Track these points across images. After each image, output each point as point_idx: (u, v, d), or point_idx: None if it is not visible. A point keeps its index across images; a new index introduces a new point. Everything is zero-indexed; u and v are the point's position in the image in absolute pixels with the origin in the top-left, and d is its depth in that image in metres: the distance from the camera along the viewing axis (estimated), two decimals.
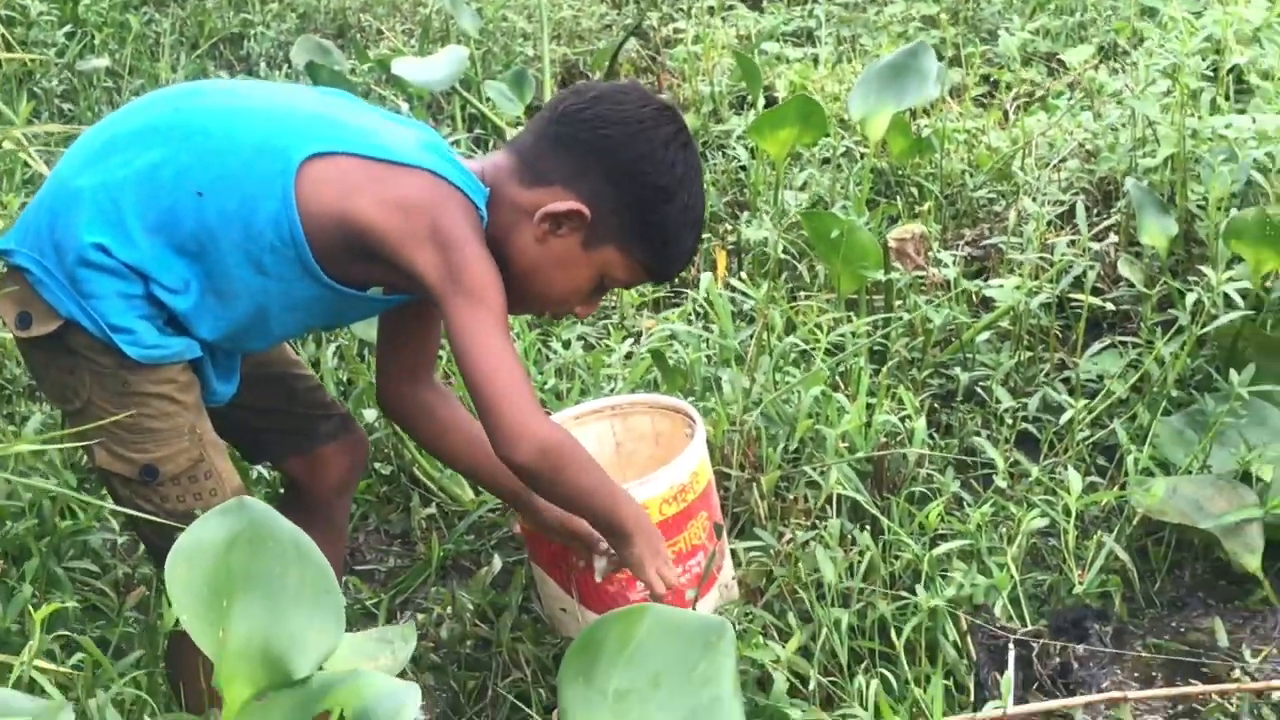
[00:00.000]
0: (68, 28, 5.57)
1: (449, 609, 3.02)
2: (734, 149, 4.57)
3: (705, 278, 3.52)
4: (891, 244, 3.74)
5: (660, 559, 2.55)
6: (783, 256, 3.83)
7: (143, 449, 2.36)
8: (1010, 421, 3.35)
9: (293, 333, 2.60)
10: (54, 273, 2.31)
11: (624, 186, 2.46)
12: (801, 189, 4.25)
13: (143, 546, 2.86)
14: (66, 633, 2.52)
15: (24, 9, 5.33)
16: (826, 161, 4.43)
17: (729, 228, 4.11)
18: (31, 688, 2.10)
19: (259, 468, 2.88)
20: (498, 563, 3.04)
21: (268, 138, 2.36)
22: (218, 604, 1.75)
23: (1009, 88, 4.88)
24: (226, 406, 2.54)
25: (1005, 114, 4.73)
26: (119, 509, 2.37)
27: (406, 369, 2.66)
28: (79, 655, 2.34)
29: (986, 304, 3.75)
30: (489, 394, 2.35)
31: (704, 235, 4.06)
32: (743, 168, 4.50)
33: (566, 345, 3.55)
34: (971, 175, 4.29)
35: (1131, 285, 3.70)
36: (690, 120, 4.85)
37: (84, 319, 2.29)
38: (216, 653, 1.73)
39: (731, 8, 5.71)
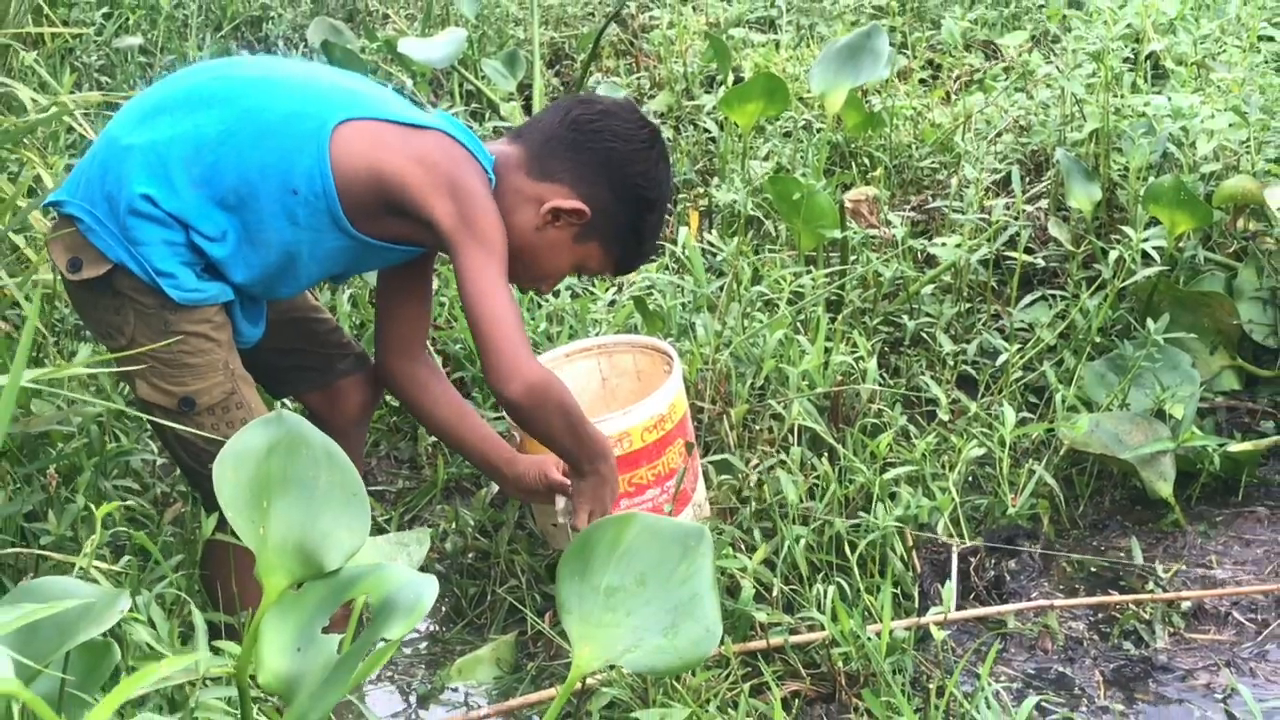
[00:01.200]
0: (105, 8, 5.54)
1: (453, 524, 3.04)
2: (704, 123, 4.55)
3: (682, 233, 3.53)
4: (847, 205, 3.72)
5: (598, 505, 2.58)
6: (751, 214, 3.84)
7: (181, 382, 2.38)
8: (951, 364, 3.36)
9: (316, 279, 2.61)
10: (104, 221, 2.33)
11: (622, 196, 2.56)
12: (765, 158, 4.24)
13: (179, 469, 2.88)
14: (115, 537, 2.54)
15: None
16: (788, 134, 4.42)
17: (701, 191, 4.12)
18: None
19: (284, 400, 2.88)
20: (495, 485, 3.05)
21: (303, 103, 2.41)
22: (259, 504, 1.77)
23: (951, 70, 4.86)
24: (252, 349, 2.56)
25: (948, 94, 4.71)
26: (165, 424, 2.38)
27: (404, 344, 2.68)
28: (125, 559, 2.36)
29: (930, 260, 3.74)
30: (489, 335, 2.39)
31: (678, 198, 4.09)
32: (712, 139, 4.49)
33: (556, 294, 3.55)
34: (917, 147, 4.27)
35: (1060, 244, 3.70)
36: (665, 98, 4.85)
37: (131, 263, 2.32)
38: (258, 547, 1.75)
39: None
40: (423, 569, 2.00)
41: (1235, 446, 3.17)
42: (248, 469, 1.78)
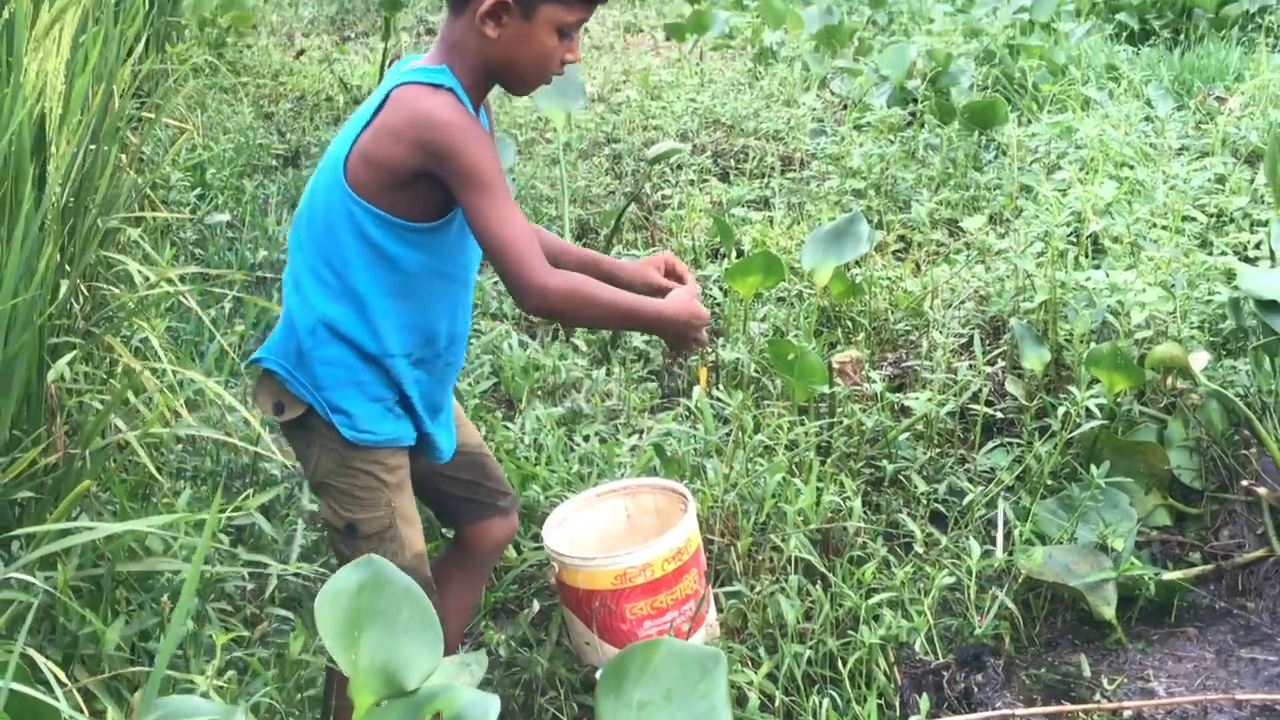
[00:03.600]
0: (197, 191, 5.65)
1: (499, 641, 3.06)
2: (711, 290, 4.63)
3: (696, 390, 3.59)
4: (835, 365, 3.80)
5: (694, 332, 2.46)
6: (752, 374, 3.91)
7: (349, 510, 2.44)
8: (925, 502, 3.38)
9: (456, 301, 2.50)
10: (294, 371, 2.41)
11: None
12: (762, 320, 4.32)
13: (268, 592, 2.94)
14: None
15: (166, 178, 5.41)
16: (782, 300, 4.49)
17: (709, 350, 4.19)
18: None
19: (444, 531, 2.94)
20: (536, 606, 3.06)
21: (323, 167, 2.41)
22: (351, 634, 1.83)
23: (920, 245, 4.94)
24: (437, 477, 2.60)
25: (917, 265, 4.78)
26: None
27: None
28: (229, 673, 2.41)
29: (905, 411, 3.78)
30: (500, 263, 2.29)
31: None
32: (718, 304, 4.58)
33: (586, 439, 3.62)
34: (892, 312, 4.34)
35: (1015, 399, 3.74)
36: None
37: (315, 405, 2.40)
38: (351, 670, 1.81)
39: (706, 180, 5.77)
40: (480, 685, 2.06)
41: (1168, 575, 3.22)
42: (342, 604, 1.84)
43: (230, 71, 7.75)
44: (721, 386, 3.81)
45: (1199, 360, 3.50)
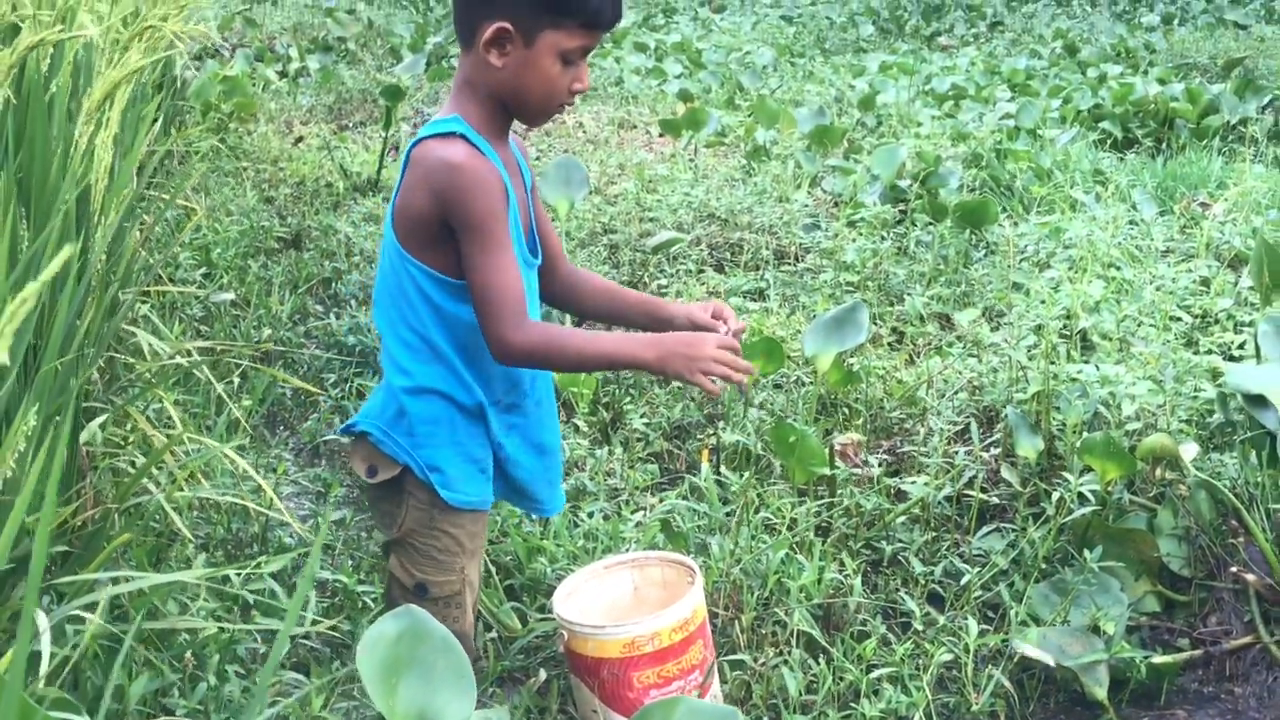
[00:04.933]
0: (203, 270, 5.74)
1: (505, 707, 3.11)
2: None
3: (704, 468, 3.67)
4: (837, 447, 3.89)
5: (694, 360, 2.38)
6: (754, 454, 3.99)
7: (423, 570, 2.51)
8: (923, 582, 3.46)
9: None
10: (390, 433, 2.48)
11: None
12: (760, 406, 4.41)
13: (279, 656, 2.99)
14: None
15: (175, 256, 5.50)
16: (779, 386, 4.58)
17: (710, 433, 4.27)
18: None
19: None
20: (543, 674, 3.11)
21: (386, 240, 2.48)
22: (390, 681, 1.90)
23: (913, 338, 5.04)
24: None
25: (911, 357, 4.88)
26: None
27: (551, 265, 2.67)
28: None
29: (902, 495, 3.86)
30: (478, 311, 2.36)
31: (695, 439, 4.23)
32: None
33: (590, 516, 3.69)
34: (887, 400, 4.42)
35: (1010, 485, 3.82)
36: None
37: (412, 464, 2.47)
38: (389, 715, 1.88)
39: (703, 270, 5.85)
40: None
41: (1158, 659, 3.29)
42: (381, 653, 1.92)
43: (232, 156, 7.88)
44: (722, 468, 3.88)
45: (1189, 451, 3.59)
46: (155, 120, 5.24)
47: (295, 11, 15.82)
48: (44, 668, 1.91)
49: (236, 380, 4.60)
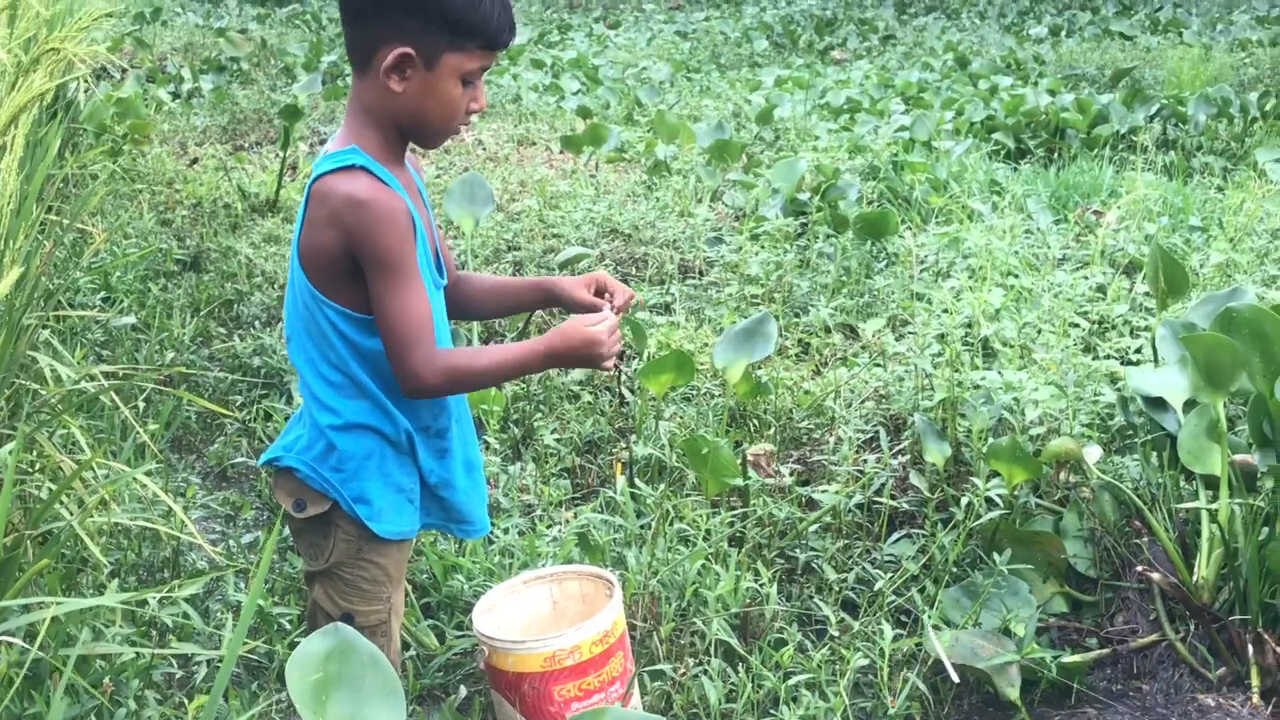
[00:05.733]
0: (102, 293, 5.68)
1: None
2: (618, 390, 4.72)
3: (620, 482, 3.70)
4: (750, 458, 3.92)
5: (594, 357, 2.47)
6: (667, 467, 4.01)
7: (349, 600, 2.50)
8: (836, 589, 3.50)
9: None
10: (317, 468, 2.46)
11: (415, 9, 2.32)
12: (670, 419, 4.43)
13: (197, 680, 2.97)
14: None
15: (74, 281, 5.43)
16: (688, 399, 4.61)
17: (622, 446, 4.28)
18: None
19: None
20: (463, 691, 3.13)
21: (294, 278, 2.45)
22: (319, 699, 1.91)
23: (819, 349, 5.10)
24: None
25: (817, 368, 4.94)
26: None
27: (450, 279, 2.67)
28: None
29: (813, 504, 3.91)
30: (389, 346, 2.37)
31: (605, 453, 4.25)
32: (624, 402, 4.68)
33: (505, 531, 3.69)
34: (795, 411, 4.47)
35: (919, 491, 3.86)
36: (584, 370, 4.98)
37: (340, 500, 2.46)
38: None
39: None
40: None
41: (1067, 659, 3.36)
42: (310, 670, 1.92)
43: (127, 179, 7.79)
44: (636, 480, 3.91)
45: (1092, 454, 3.68)
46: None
47: (186, 32, 15.67)
48: None
49: (141, 404, 4.56)
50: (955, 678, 3.15)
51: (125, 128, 8.42)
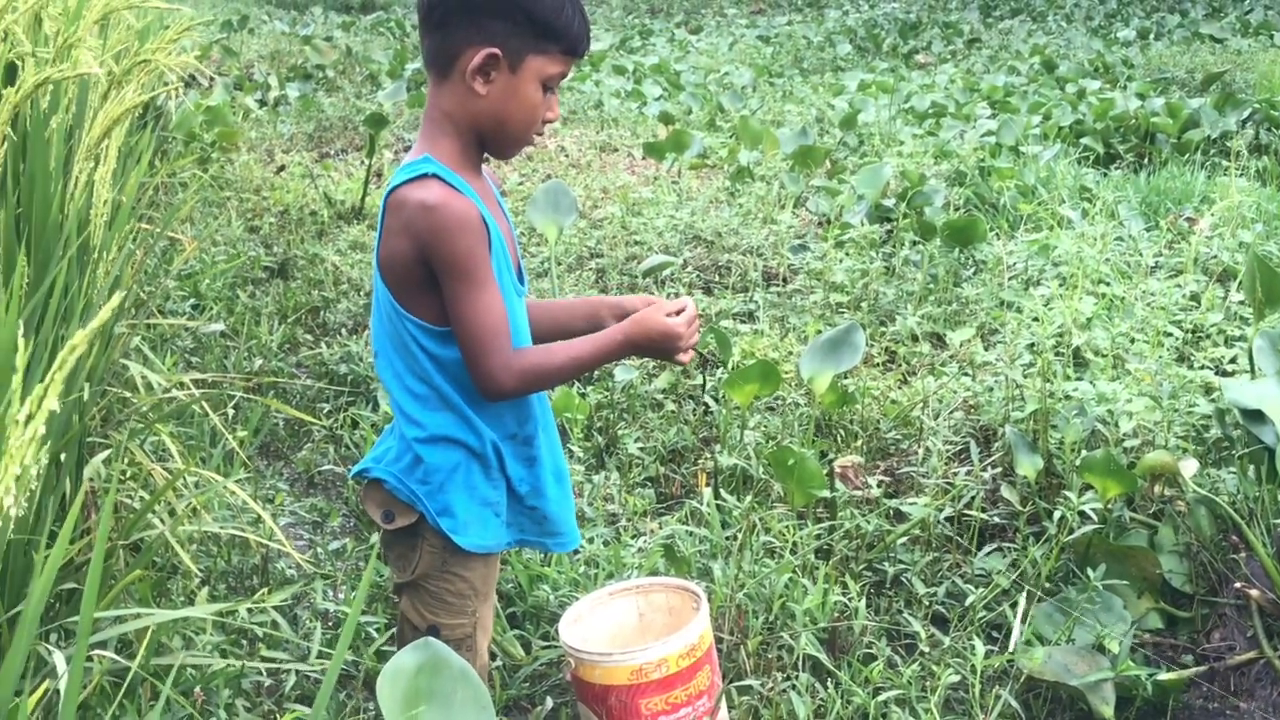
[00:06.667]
0: (191, 301, 5.75)
1: None
2: (702, 398, 4.71)
3: (706, 493, 3.67)
4: (838, 469, 3.90)
5: (670, 350, 2.48)
6: (754, 477, 3.99)
7: (434, 614, 2.51)
8: (926, 604, 3.47)
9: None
10: (404, 480, 2.47)
11: (502, 12, 2.33)
12: (754, 429, 4.41)
13: (286, 689, 2.98)
14: None
15: (165, 288, 5.49)
16: (772, 409, 4.59)
17: (706, 456, 4.27)
18: None
19: None
20: (549, 702, 3.13)
21: (378, 293, 2.47)
22: (410, 712, 1.91)
23: (906, 358, 5.06)
24: None
25: (905, 377, 4.90)
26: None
27: None
28: None
29: (902, 516, 3.87)
30: (465, 351, 2.36)
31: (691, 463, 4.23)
32: (708, 411, 4.66)
33: (590, 541, 3.68)
34: (882, 421, 4.43)
35: (1010, 504, 3.82)
36: (667, 377, 4.97)
37: (426, 513, 2.46)
38: None
39: (692, 294, 5.85)
40: None
41: (1163, 676, 3.29)
42: (401, 684, 1.92)
43: (215, 186, 7.89)
44: (721, 491, 3.89)
45: (1188, 468, 3.61)
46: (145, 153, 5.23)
47: (272, 39, 15.85)
48: (62, 707, 1.90)
49: (230, 411, 4.60)
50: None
51: (214, 135, 8.53)
